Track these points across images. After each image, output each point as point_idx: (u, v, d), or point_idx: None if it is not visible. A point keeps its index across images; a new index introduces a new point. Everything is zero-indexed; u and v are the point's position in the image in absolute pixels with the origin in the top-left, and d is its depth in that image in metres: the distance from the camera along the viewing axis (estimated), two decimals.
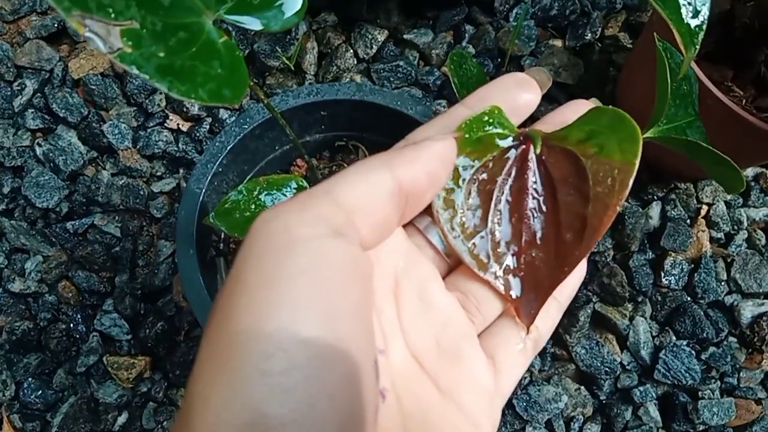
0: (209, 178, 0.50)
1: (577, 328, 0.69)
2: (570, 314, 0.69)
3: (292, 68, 0.76)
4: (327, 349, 0.20)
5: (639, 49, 0.73)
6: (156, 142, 0.74)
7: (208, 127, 0.75)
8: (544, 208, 0.29)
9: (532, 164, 0.29)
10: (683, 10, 0.30)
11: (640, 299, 0.71)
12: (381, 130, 0.57)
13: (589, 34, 0.78)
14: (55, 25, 0.79)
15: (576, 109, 0.30)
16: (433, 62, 0.78)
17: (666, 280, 0.71)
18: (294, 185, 0.45)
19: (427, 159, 0.26)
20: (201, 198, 0.49)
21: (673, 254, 0.72)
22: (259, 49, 0.76)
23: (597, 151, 0.27)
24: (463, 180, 0.29)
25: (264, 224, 0.23)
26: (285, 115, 0.53)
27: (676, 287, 0.71)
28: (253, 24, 0.31)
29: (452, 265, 0.31)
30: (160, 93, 0.76)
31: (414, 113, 0.53)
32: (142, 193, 0.72)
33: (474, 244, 0.29)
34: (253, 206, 0.44)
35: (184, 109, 0.75)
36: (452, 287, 0.29)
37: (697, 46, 0.30)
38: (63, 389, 0.67)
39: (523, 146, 0.29)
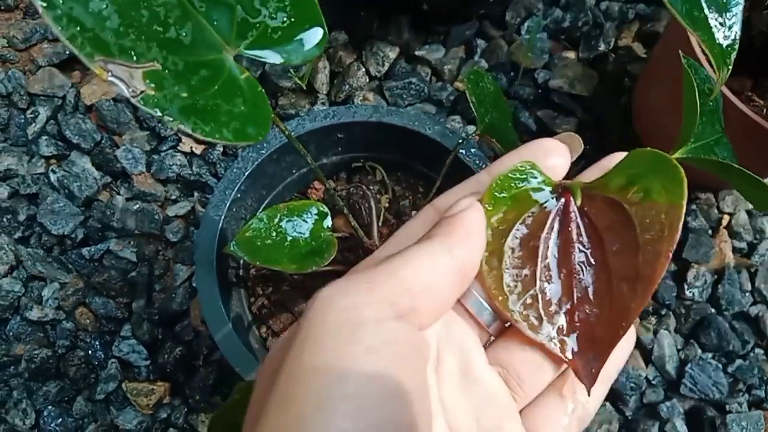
0: (228, 204, 0.50)
1: None
2: None
3: (305, 88, 0.76)
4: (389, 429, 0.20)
5: (654, 60, 0.72)
6: (170, 166, 0.74)
7: (221, 149, 0.75)
8: (593, 261, 0.27)
9: (575, 216, 0.28)
10: (715, 30, 0.30)
11: (663, 312, 0.70)
12: (398, 150, 0.56)
13: (603, 45, 0.78)
14: (67, 52, 0.79)
15: (613, 160, 0.29)
16: (446, 78, 0.78)
17: (689, 292, 0.70)
18: (315, 211, 0.45)
19: (476, 232, 0.27)
20: (220, 225, 0.49)
21: (695, 266, 0.71)
22: (271, 69, 0.76)
23: (641, 197, 0.26)
24: (504, 239, 0.28)
25: (331, 300, 0.23)
26: (302, 139, 0.53)
27: (700, 299, 0.70)
28: (274, 58, 0.30)
29: (492, 335, 0.29)
30: None
31: (432, 133, 0.52)
32: (157, 217, 0.72)
33: (524, 305, 0.28)
34: (274, 233, 0.44)
35: None
36: (493, 361, 0.28)
37: (730, 66, 0.30)
38: (83, 417, 0.67)
39: (563, 198, 0.28)
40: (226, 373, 0.67)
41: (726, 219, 0.73)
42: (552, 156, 0.29)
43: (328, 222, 0.45)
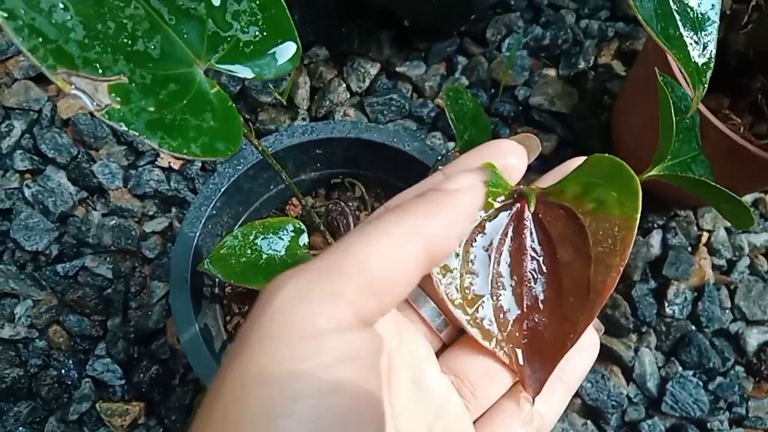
0: (203, 221, 0.49)
1: None
2: None
3: (285, 103, 0.75)
4: None
5: (633, 77, 0.73)
6: (147, 181, 0.73)
7: (200, 164, 0.74)
8: (544, 270, 0.27)
9: (529, 223, 0.27)
10: (691, 49, 0.30)
11: (644, 330, 0.70)
12: (377, 166, 0.56)
13: (583, 63, 0.78)
14: None
15: (572, 165, 0.28)
16: (427, 94, 0.78)
17: (670, 309, 0.70)
18: (291, 228, 0.44)
19: (466, 217, 0.25)
20: (195, 242, 0.48)
21: (675, 283, 0.71)
22: (251, 85, 0.75)
23: (595, 207, 0.25)
24: (461, 243, 0.27)
25: (287, 307, 0.21)
26: (280, 155, 0.52)
27: (681, 316, 0.70)
28: (245, 72, 0.30)
29: (445, 342, 0.29)
30: None
31: (411, 149, 0.52)
32: (133, 233, 0.71)
33: (477, 311, 0.27)
34: (249, 251, 0.43)
35: None
36: (446, 369, 0.27)
37: (706, 85, 0.30)
38: None
39: (518, 204, 0.28)
40: (203, 393, 0.66)
41: (705, 236, 0.73)
42: (509, 157, 0.28)
43: (304, 239, 0.45)
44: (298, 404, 0.19)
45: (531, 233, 0.27)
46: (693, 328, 0.70)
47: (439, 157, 0.51)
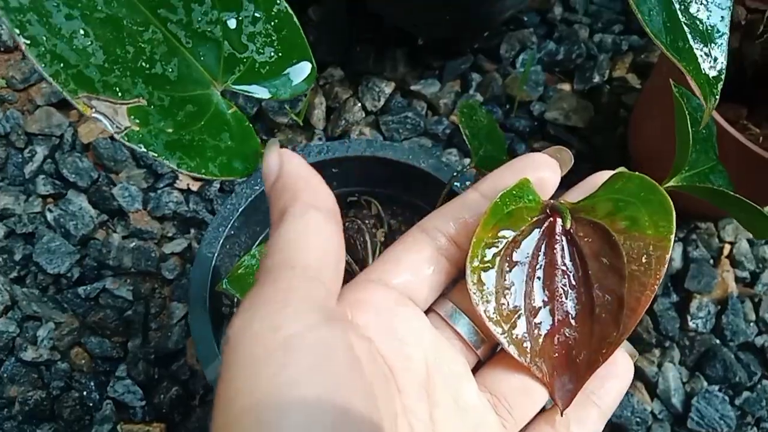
0: (221, 241, 0.49)
1: None
2: None
3: (301, 124, 0.76)
4: None
5: (648, 90, 0.72)
6: (166, 203, 0.73)
7: (218, 185, 0.75)
8: (575, 285, 0.27)
9: (560, 238, 0.28)
10: (701, 61, 0.30)
11: (667, 344, 0.69)
12: (393, 184, 0.56)
13: (597, 77, 0.78)
14: None
15: (600, 178, 0.29)
16: (441, 112, 0.78)
17: (693, 323, 0.69)
18: None
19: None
20: (213, 262, 0.49)
21: (698, 296, 0.70)
22: (268, 106, 0.76)
23: (628, 225, 0.25)
24: (497, 259, 0.27)
25: (247, 329, 0.20)
26: None
27: (704, 330, 0.69)
28: (262, 93, 0.30)
29: (481, 358, 0.29)
30: None
31: (426, 166, 0.52)
32: (153, 255, 0.71)
33: (512, 327, 0.27)
34: None
35: None
36: (482, 386, 0.27)
37: (717, 97, 0.30)
38: None
39: (551, 219, 0.28)
40: None
41: (727, 248, 0.73)
42: (542, 170, 0.28)
43: None
44: (286, 420, 0.18)
45: (563, 248, 0.28)
46: (717, 341, 0.69)
47: (455, 173, 0.51)
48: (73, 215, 0.73)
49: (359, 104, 0.77)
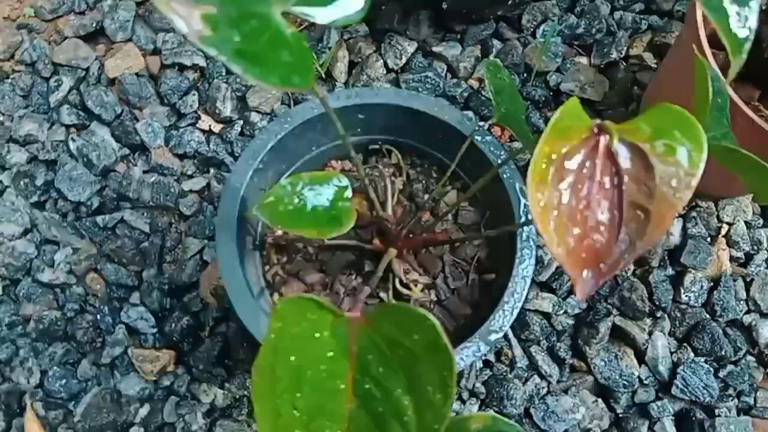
0: (250, 173, 0.51)
1: (597, 339, 0.69)
2: (591, 326, 0.70)
3: (323, 75, 0.78)
4: None
5: (664, 69, 0.74)
6: (188, 142, 0.75)
7: (239, 129, 0.77)
8: (610, 197, 0.30)
9: (602, 155, 0.31)
10: (732, 20, 0.32)
11: (659, 315, 0.72)
12: (415, 135, 0.58)
13: (615, 53, 0.80)
14: (93, 25, 0.81)
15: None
16: (461, 75, 0.80)
17: (686, 296, 0.72)
18: (336, 182, 0.46)
19: None
20: (242, 193, 0.51)
21: (693, 271, 0.73)
22: None
23: (665, 151, 0.28)
24: (553, 163, 0.30)
25: None
26: (325, 116, 0.55)
27: (695, 304, 0.72)
28: (320, 16, 0.32)
29: None
30: (193, 94, 0.78)
31: (449, 119, 0.54)
32: (172, 190, 0.74)
33: (551, 217, 0.30)
34: (296, 200, 0.46)
35: (216, 111, 0.76)
36: None
37: (744, 55, 0.32)
38: (87, 379, 0.68)
39: (597, 138, 0.31)
40: (231, 346, 0.68)
41: (725, 228, 0.75)
42: None
43: (348, 193, 0.47)
44: None
45: (603, 164, 0.31)
46: (707, 316, 0.72)
47: (476, 128, 0.53)
48: (95, 146, 0.75)
49: (381, 61, 0.79)
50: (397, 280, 0.53)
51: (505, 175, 0.53)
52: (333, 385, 0.36)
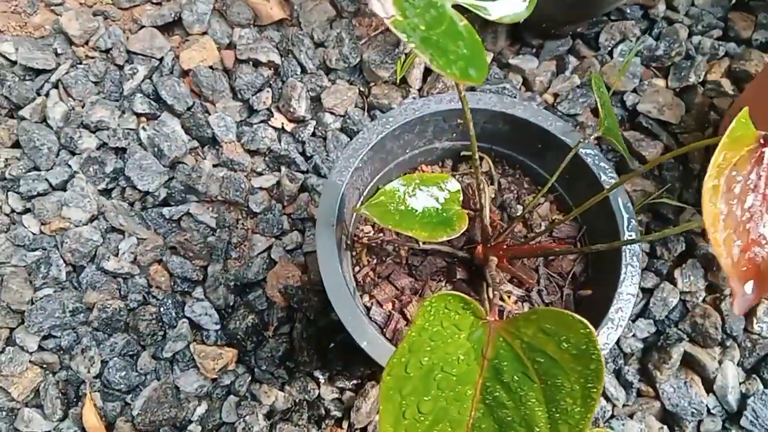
0: (351, 171, 0.51)
1: (669, 365, 0.68)
2: (662, 350, 0.68)
3: (398, 81, 0.77)
4: None
5: (744, 98, 0.74)
6: (261, 138, 0.75)
7: (312, 130, 0.76)
8: None
9: (767, 165, 0.30)
10: None
11: (728, 344, 0.70)
12: (511, 142, 0.57)
13: (693, 77, 0.79)
14: (171, 15, 0.80)
15: None
16: (536, 89, 0.79)
17: (758, 326, 0.70)
18: (448, 185, 0.46)
19: None
20: (342, 190, 0.50)
21: (766, 301, 0.71)
22: (369, 58, 0.77)
23: None
24: (723, 173, 0.30)
25: None
26: (424, 119, 0.54)
27: (767, 335, 0.70)
28: (492, 10, 0.31)
29: None
30: (267, 91, 0.77)
31: (554, 129, 0.53)
32: (242, 186, 0.73)
33: (721, 228, 0.30)
34: (407, 200, 0.45)
35: (291, 110, 0.76)
36: None
37: None
38: (146, 372, 0.67)
39: (762, 148, 0.30)
40: (295, 347, 0.67)
41: None
42: None
43: (460, 196, 0.46)
44: None
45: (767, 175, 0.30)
46: None
47: (582, 139, 0.52)
48: (166, 137, 0.74)
49: None
50: (490, 290, 0.51)
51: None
52: (461, 390, 0.35)
